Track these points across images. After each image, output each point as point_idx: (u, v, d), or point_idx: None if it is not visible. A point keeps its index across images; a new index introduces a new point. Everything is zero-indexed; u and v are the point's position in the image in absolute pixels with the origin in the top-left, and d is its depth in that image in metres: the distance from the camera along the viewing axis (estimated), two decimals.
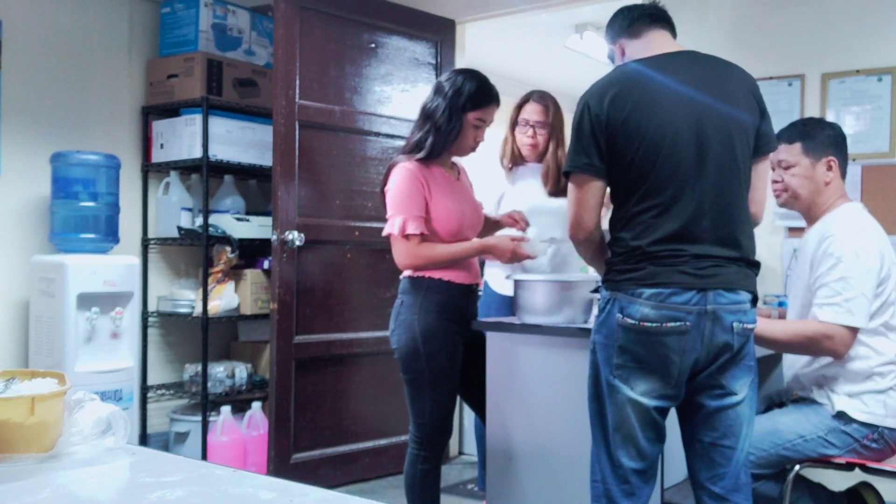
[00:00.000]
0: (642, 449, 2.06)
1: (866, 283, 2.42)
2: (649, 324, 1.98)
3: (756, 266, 2.11)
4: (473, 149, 2.77)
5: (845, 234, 2.47)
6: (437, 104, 2.68)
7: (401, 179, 2.64)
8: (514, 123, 3.36)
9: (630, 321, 2.00)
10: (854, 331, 2.42)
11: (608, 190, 2.13)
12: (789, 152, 2.60)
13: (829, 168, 2.56)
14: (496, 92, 2.72)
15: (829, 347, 2.42)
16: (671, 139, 2.00)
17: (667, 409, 2.09)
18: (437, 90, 2.71)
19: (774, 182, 2.64)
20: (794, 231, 3.63)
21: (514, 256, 2.69)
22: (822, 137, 2.58)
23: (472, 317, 2.78)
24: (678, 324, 1.98)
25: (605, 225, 2.20)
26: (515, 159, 3.37)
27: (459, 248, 2.67)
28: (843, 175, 2.62)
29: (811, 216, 2.61)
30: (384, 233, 2.68)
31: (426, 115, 2.71)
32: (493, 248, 2.70)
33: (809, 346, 2.46)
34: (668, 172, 2.00)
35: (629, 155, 2.02)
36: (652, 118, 2.01)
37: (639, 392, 2.03)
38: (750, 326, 2.06)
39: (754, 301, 2.09)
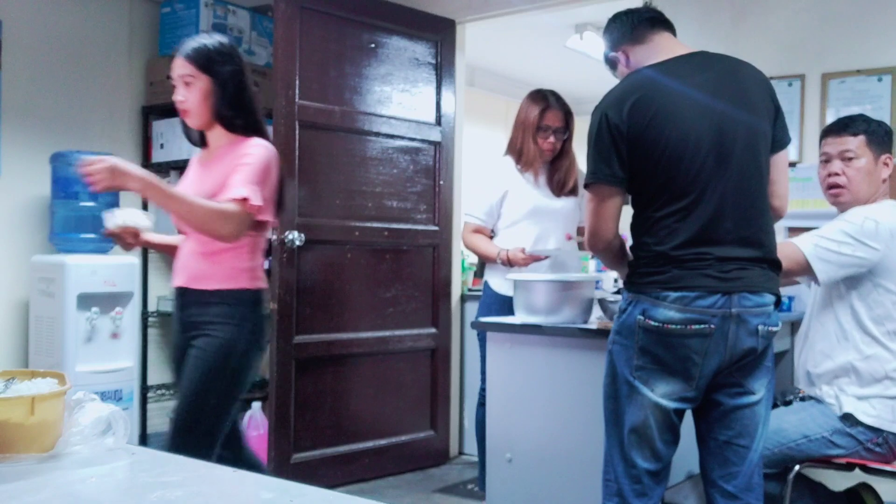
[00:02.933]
0: (658, 451, 2.06)
1: (850, 248, 2.38)
2: (673, 326, 1.98)
3: (778, 266, 2.11)
4: (183, 114, 2.47)
5: (867, 210, 2.46)
6: None
7: None
8: (535, 129, 3.32)
9: (653, 323, 2.00)
10: (804, 267, 2.39)
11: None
12: (854, 144, 2.51)
13: (887, 165, 2.53)
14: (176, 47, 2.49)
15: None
16: (694, 144, 2.00)
17: (684, 411, 2.09)
18: None
19: (834, 175, 2.54)
20: (795, 231, 3.63)
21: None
22: (881, 133, 2.54)
23: (187, 322, 2.43)
24: (702, 326, 1.98)
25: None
26: (531, 162, 3.35)
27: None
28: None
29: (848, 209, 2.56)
30: (240, 196, 2.30)
31: None
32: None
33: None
34: (691, 177, 2.00)
35: (652, 162, 2.01)
36: (674, 124, 2.00)
37: (659, 394, 2.03)
38: (774, 329, 2.06)
39: (777, 303, 2.09)
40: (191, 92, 2.43)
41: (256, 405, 4.00)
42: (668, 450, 2.08)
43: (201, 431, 2.38)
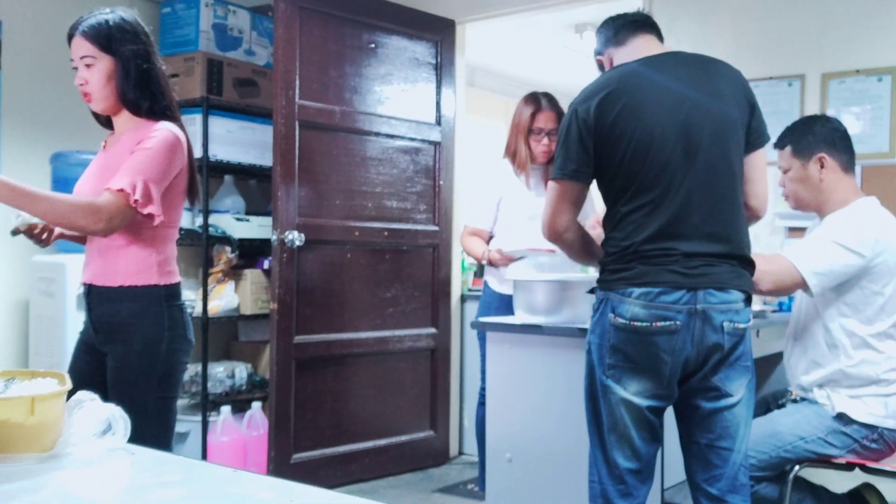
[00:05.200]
0: (637, 449, 2.06)
1: (841, 258, 2.38)
2: (639, 323, 1.99)
3: (751, 264, 2.11)
4: (86, 97, 2.31)
5: (852, 216, 2.47)
6: None
7: None
8: (527, 131, 3.33)
9: (621, 321, 2.01)
10: (798, 282, 2.38)
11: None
12: (782, 157, 2.59)
13: (822, 165, 2.52)
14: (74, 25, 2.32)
15: (758, 273, 2.30)
16: (659, 139, 2.01)
17: (661, 408, 2.10)
18: None
19: (782, 187, 2.64)
20: (795, 231, 3.63)
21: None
22: (809, 136, 2.55)
23: (97, 323, 2.23)
24: (668, 323, 1.98)
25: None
26: (523, 165, 3.36)
27: None
28: (847, 169, 2.55)
29: (825, 213, 2.56)
30: (118, 187, 2.09)
31: None
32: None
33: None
34: (657, 171, 2.01)
35: (618, 157, 2.03)
36: (640, 119, 2.01)
37: (631, 392, 2.04)
38: (742, 326, 2.06)
39: (748, 300, 2.08)
40: (92, 74, 2.25)
41: (256, 405, 4.00)
42: (648, 448, 2.08)
43: (152, 440, 2.26)
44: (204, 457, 3.86)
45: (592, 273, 3.59)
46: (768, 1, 3.74)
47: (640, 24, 2.22)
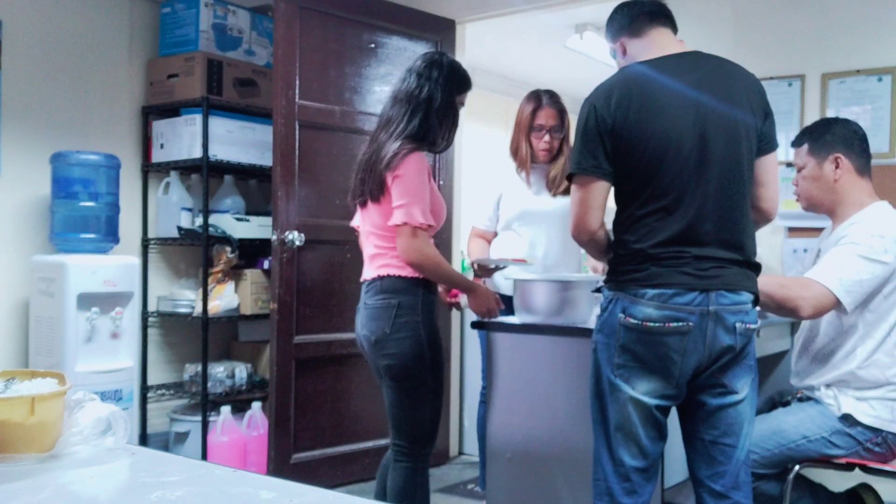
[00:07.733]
0: (644, 447, 2.07)
1: (869, 271, 2.39)
2: (652, 324, 1.99)
3: (757, 268, 2.11)
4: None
5: (869, 224, 2.46)
6: (430, 90, 2.55)
7: (418, 168, 2.47)
8: (528, 129, 3.33)
9: (633, 321, 2.01)
10: (834, 303, 2.38)
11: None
12: (798, 155, 2.60)
13: (837, 165, 2.52)
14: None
15: (798, 300, 2.36)
16: (675, 143, 2.00)
17: (668, 407, 2.10)
18: (423, 74, 2.59)
19: (795, 186, 2.64)
20: (795, 231, 3.63)
21: (487, 313, 2.64)
22: (826, 136, 2.55)
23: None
24: (681, 324, 1.98)
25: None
26: (524, 163, 3.35)
27: (456, 273, 2.71)
28: (863, 172, 2.56)
29: (838, 215, 2.56)
30: (396, 221, 2.46)
31: (417, 101, 2.55)
32: (476, 295, 2.62)
33: (783, 291, 2.40)
34: (672, 176, 2.01)
35: (634, 159, 2.02)
36: (656, 122, 2.01)
37: (640, 391, 2.04)
38: (752, 327, 2.07)
39: (756, 302, 2.09)
40: None
41: (256, 405, 4.00)
42: (654, 446, 2.09)
43: None
44: (204, 457, 3.87)
45: (592, 273, 3.60)
46: (768, 1, 3.74)
47: (655, 14, 2.20)
